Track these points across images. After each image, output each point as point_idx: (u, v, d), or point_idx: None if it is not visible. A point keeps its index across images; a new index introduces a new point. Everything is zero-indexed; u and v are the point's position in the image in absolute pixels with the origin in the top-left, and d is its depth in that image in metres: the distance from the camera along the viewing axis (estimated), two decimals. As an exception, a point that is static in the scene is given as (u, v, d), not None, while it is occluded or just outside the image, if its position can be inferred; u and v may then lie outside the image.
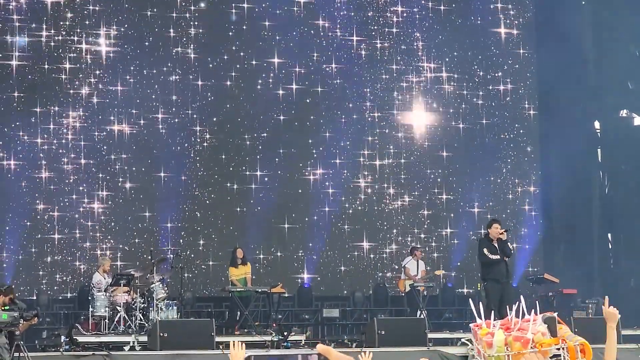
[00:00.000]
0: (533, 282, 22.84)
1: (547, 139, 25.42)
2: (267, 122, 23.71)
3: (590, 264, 25.08)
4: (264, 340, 17.56)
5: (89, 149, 22.45)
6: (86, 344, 16.54)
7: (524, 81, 25.86)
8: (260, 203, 23.35)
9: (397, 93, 24.82)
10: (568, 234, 25.61)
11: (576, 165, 24.80)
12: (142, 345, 16.87)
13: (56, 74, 22.39)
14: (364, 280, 23.96)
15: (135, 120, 22.82)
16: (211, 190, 23.25)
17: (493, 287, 17.26)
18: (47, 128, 22.21)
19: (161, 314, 18.08)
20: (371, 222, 24.26)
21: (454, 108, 25.14)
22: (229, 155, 23.46)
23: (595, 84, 25.67)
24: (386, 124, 24.65)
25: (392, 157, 24.60)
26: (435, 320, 21.68)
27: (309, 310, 22.95)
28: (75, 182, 22.28)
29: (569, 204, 25.33)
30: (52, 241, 21.97)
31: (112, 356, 15.60)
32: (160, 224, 22.72)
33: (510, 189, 25.43)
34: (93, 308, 18.12)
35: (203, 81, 23.33)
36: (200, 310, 22.21)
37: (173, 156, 22.94)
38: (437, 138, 24.96)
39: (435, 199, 24.75)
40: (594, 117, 26.05)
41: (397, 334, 17.53)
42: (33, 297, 21.33)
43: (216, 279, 22.66)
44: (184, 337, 16.35)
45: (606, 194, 25.87)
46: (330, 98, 24.24)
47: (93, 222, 22.30)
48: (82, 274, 21.94)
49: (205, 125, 23.28)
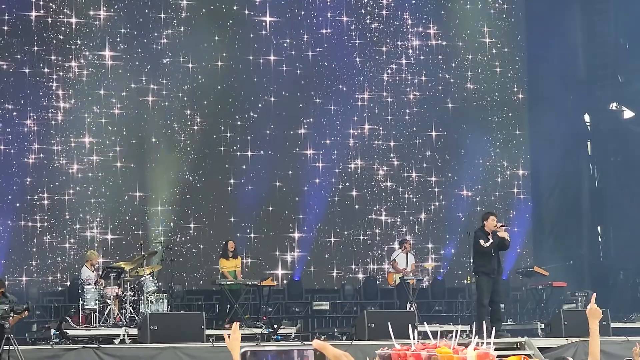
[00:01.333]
0: (523, 275, 22.88)
1: (536, 123, 25.47)
2: (258, 103, 23.77)
3: (579, 257, 25.13)
4: (254, 333, 17.55)
5: (79, 131, 22.44)
6: (76, 337, 16.50)
7: (513, 65, 25.93)
8: (251, 183, 23.41)
9: (386, 75, 24.89)
10: (558, 226, 25.66)
11: (566, 158, 24.85)
12: (132, 338, 16.85)
13: (46, 55, 22.37)
14: (354, 271, 24.04)
15: (126, 102, 22.84)
16: (202, 173, 23.28)
17: (484, 280, 17.26)
18: (37, 109, 22.21)
19: (151, 307, 18.07)
20: (361, 202, 24.32)
21: (444, 90, 25.21)
22: (220, 135, 23.48)
23: (585, 77, 25.71)
24: (375, 105, 24.72)
25: (381, 138, 24.66)
26: (425, 313, 21.70)
27: (299, 303, 22.96)
28: (65, 164, 22.28)
29: (559, 197, 25.39)
30: (42, 220, 22.00)
31: (102, 349, 15.57)
32: (151, 207, 22.75)
33: (499, 172, 25.51)
34: (83, 301, 18.10)
35: (193, 64, 23.34)
36: (190, 303, 22.22)
37: (164, 139, 22.97)
38: (427, 119, 25.04)
39: (424, 181, 24.82)
40: (584, 110, 26.09)
41: (387, 327, 17.51)
42: (22, 287, 21.33)
43: (207, 262, 22.72)
44: (174, 330, 16.33)
45: (596, 187, 25.93)
46: (320, 79, 24.33)
47: (83, 204, 22.30)
48: (72, 257, 21.95)
49: (196, 109, 23.30)
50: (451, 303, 23.81)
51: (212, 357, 15.43)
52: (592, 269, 25.14)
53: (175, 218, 22.92)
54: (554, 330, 18.45)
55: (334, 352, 2.52)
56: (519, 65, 25.96)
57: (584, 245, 25.43)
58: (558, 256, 24.49)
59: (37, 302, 21.12)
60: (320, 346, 2.51)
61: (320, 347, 2.51)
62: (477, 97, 25.49)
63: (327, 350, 2.52)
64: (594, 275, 24.88)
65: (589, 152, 26.12)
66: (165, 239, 21.88)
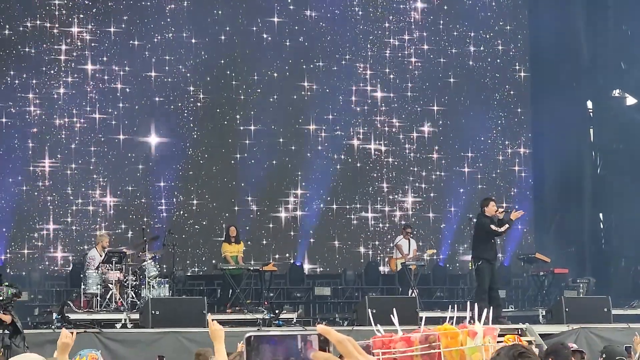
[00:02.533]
0: (524, 261, 22.87)
1: (538, 101, 25.48)
2: (262, 77, 23.79)
3: (581, 244, 25.13)
4: (256, 318, 17.58)
5: (81, 107, 22.47)
6: (78, 322, 16.54)
7: (515, 43, 25.93)
8: (253, 158, 23.50)
9: (389, 50, 24.91)
10: (560, 213, 25.65)
11: (568, 142, 24.83)
12: (134, 323, 16.88)
13: (49, 27, 22.39)
14: (356, 256, 24.11)
15: (129, 78, 22.87)
16: (204, 150, 23.33)
17: (485, 267, 17.28)
18: (40, 86, 22.24)
19: (153, 292, 18.10)
20: (363, 177, 24.45)
21: (445, 65, 25.23)
22: (223, 109, 23.52)
23: (587, 64, 25.67)
24: (378, 81, 24.76)
25: (383, 114, 24.68)
26: (426, 299, 21.73)
27: (301, 289, 22.98)
28: (67, 139, 22.31)
29: (560, 184, 25.37)
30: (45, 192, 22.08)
31: (103, 333, 15.59)
32: (155, 183, 22.80)
33: (500, 150, 25.55)
34: (85, 285, 18.12)
35: (197, 39, 23.34)
36: (192, 288, 22.24)
37: (167, 115, 23.01)
38: (429, 93, 25.06)
39: (426, 157, 24.85)
40: (587, 97, 26.05)
41: (388, 313, 17.46)
42: (23, 273, 21.37)
43: (209, 238, 22.80)
44: (176, 314, 16.35)
45: (598, 174, 25.89)
46: (323, 54, 24.37)
47: (86, 178, 22.37)
48: (75, 235, 22.00)
49: (199, 85, 23.33)
50: (452, 289, 23.81)
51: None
52: (593, 256, 25.14)
53: (177, 194, 22.98)
54: (555, 317, 18.46)
55: (338, 337, 2.51)
56: (521, 44, 25.98)
57: (585, 233, 25.42)
58: (560, 243, 24.51)
59: (39, 286, 21.17)
60: (325, 331, 2.50)
61: (325, 332, 2.50)
62: (478, 74, 25.50)
63: (331, 335, 2.51)
64: (596, 262, 24.88)
65: (591, 139, 26.08)
66: (168, 224, 21.92)
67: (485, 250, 17.36)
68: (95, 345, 14.96)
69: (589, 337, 17.24)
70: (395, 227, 23.72)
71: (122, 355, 15.44)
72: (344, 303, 22.68)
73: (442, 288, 23.68)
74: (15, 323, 14.41)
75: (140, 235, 19.87)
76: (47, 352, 11.89)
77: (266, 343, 2.48)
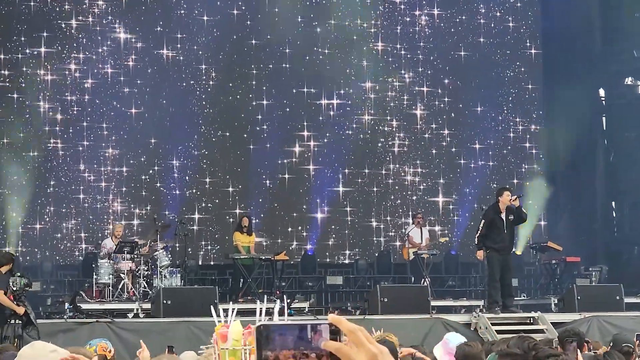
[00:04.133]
0: (536, 250, 22.82)
1: (549, 81, 25.52)
2: (274, 53, 23.88)
3: (594, 232, 25.09)
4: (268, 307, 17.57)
5: (94, 85, 22.59)
6: (90, 311, 16.59)
7: (526, 20, 25.96)
8: (266, 132, 23.61)
9: (400, 27, 24.98)
10: (572, 201, 25.61)
11: (580, 133, 24.76)
12: (146, 313, 16.92)
13: (60, 8, 22.48)
14: (368, 245, 24.15)
15: (141, 55, 22.97)
16: (217, 127, 23.44)
17: (494, 257, 17.24)
18: (54, 65, 22.36)
19: (165, 282, 18.12)
20: (372, 154, 24.50)
21: (456, 41, 25.29)
22: (236, 83, 23.61)
23: (600, 51, 25.58)
24: (389, 57, 24.83)
25: (396, 90, 24.79)
26: (438, 288, 21.71)
27: (313, 278, 22.98)
28: (79, 115, 22.40)
29: (573, 172, 25.32)
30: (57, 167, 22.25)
31: (115, 323, 15.63)
32: (168, 160, 22.90)
33: (511, 127, 25.58)
34: (97, 275, 18.14)
35: (209, 16, 23.39)
36: (203, 277, 22.26)
37: (178, 92, 23.09)
38: (439, 70, 25.13)
39: (438, 134, 24.89)
40: (599, 84, 25.97)
41: (400, 302, 17.54)
42: (36, 261, 21.45)
43: (221, 220, 22.95)
44: (187, 304, 16.37)
45: (610, 162, 25.83)
46: (336, 29, 24.43)
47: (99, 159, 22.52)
48: (88, 206, 22.14)
49: (212, 63, 23.42)
50: (464, 278, 23.80)
51: (225, 332, 15.44)
52: (606, 244, 25.09)
53: (191, 173, 23.05)
54: (567, 306, 18.44)
55: (349, 326, 2.49)
56: (532, 21, 25.99)
57: (598, 220, 25.38)
58: (572, 231, 24.46)
59: (51, 276, 21.22)
60: (336, 320, 2.48)
61: (336, 321, 2.48)
62: (489, 51, 25.55)
63: (343, 324, 2.49)
64: (608, 250, 24.83)
65: (604, 127, 26.01)
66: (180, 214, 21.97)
67: (491, 240, 17.32)
68: (108, 335, 15.00)
69: (601, 326, 17.22)
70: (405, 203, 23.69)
71: (134, 344, 15.45)
72: (355, 292, 22.68)
73: (454, 277, 23.65)
74: (29, 314, 14.44)
75: (152, 225, 19.91)
76: (59, 342, 11.93)
77: (276, 332, 2.47)
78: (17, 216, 21.60)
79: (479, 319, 16.99)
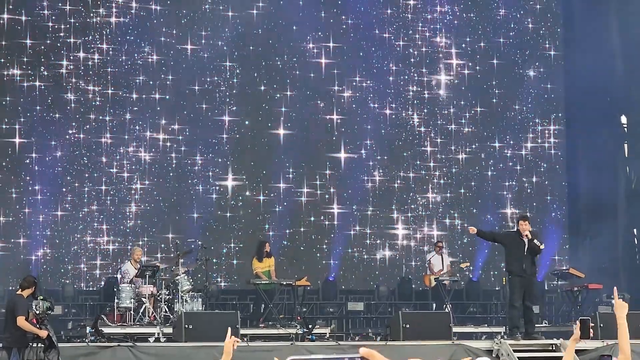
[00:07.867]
0: (558, 276, 22.75)
1: (570, 76, 25.74)
2: (297, 48, 24.14)
3: (615, 259, 24.97)
4: (289, 333, 17.58)
5: (116, 78, 22.85)
6: (111, 335, 16.63)
7: (545, 22, 26.14)
8: (290, 126, 23.88)
9: (421, 25, 25.24)
10: (594, 228, 25.50)
11: (602, 160, 24.71)
12: (167, 337, 16.94)
13: (83, 3, 22.78)
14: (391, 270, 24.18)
15: (164, 51, 23.19)
16: (240, 121, 23.66)
17: (515, 281, 17.24)
18: (77, 57, 22.58)
19: (186, 306, 18.15)
20: (393, 149, 24.82)
21: (475, 40, 25.52)
22: (260, 73, 23.85)
23: (622, 78, 25.52)
24: (408, 54, 25.08)
25: (416, 84, 25.07)
26: (459, 315, 21.66)
27: (334, 304, 22.95)
28: (99, 107, 22.64)
29: (595, 199, 25.23)
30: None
31: (137, 347, 15.65)
32: (189, 157, 23.06)
33: (530, 128, 25.66)
34: (118, 299, 18.19)
35: (233, 12, 23.63)
36: (225, 302, 22.28)
37: (202, 88, 23.34)
38: (458, 73, 25.35)
39: (457, 130, 25.20)
40: (621, 111, 25.91)
41: (422, 328, 17.50)
42: (59, 287, 21.51)
43: (245, 218, 23.30)
44: (209, 329, 16.36)
45: (632, 189, 25.72)
46: (357, 27, 24.67)
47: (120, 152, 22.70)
48: (111, 212, 22.38)
49: (235, 58, 23.66)
50: (486, 304, 23.73)
51: (246, 357, 15.45)
52: (628, 271, 24.96)
53: (215, 169, 23.31)
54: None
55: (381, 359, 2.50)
56: (551, 22, 26.18)
57: (619, 248, 25.26)
58: (594, 258, 24.35)
59: (72, 300, 21.28)
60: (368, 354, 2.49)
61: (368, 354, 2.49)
62: (508, 52, 25.74)
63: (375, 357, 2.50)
64: (630, 277, 24.70)
65: (625, 155, 25.93)
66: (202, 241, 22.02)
67: (511, 264, 17.35)
68: (129, 359, 15.05)
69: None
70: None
71: (155, 369, 15.50)
72: (377, 318, 22.64)
73: (475, 303, 23.59)
74: (51, 337, 14.48)
75: (174, 250, 19.96)
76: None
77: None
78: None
79: (501, 345, 16.94)
